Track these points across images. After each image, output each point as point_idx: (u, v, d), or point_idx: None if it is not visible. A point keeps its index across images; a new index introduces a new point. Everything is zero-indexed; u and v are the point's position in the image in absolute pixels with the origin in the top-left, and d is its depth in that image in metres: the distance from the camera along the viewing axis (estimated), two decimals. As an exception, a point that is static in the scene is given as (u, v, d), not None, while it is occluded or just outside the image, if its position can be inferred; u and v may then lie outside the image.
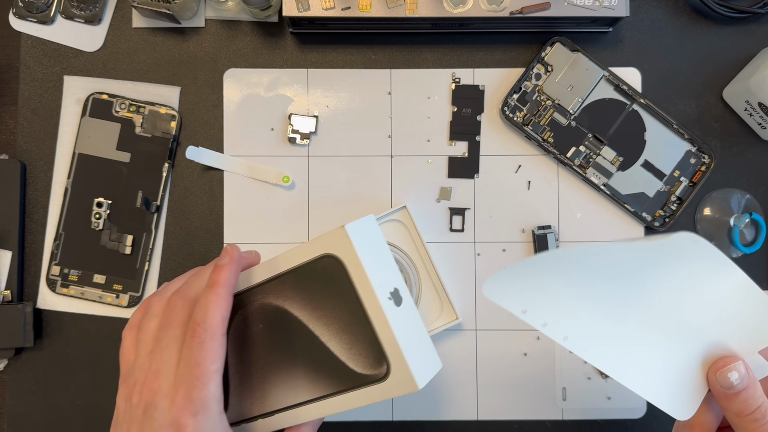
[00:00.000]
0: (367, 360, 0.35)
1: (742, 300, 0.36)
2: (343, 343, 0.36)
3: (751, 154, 0.50)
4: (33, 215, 0.49)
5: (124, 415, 0.35)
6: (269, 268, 0.37)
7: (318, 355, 0.36)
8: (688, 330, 0.36)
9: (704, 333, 0.36)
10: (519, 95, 0.49)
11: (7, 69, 0.50)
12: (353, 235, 0.35)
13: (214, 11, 0.50)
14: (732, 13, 0.49)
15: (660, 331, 0.36)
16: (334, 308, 0.36)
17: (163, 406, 0.33)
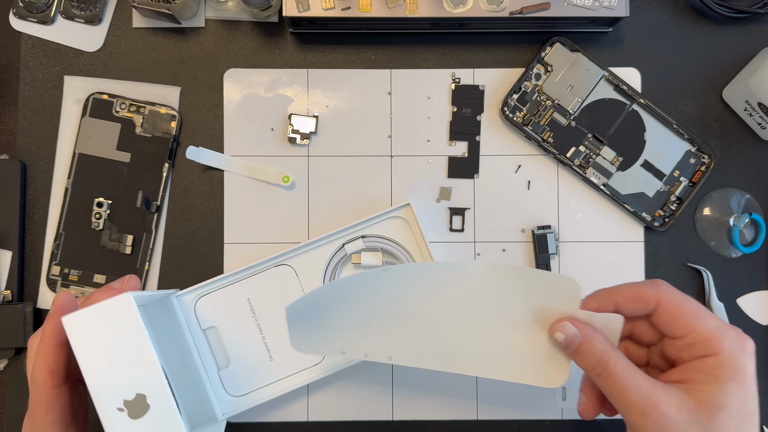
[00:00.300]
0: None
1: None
2: None
3: (750, 154, 0.50)
4: (33, 215, 0.49)
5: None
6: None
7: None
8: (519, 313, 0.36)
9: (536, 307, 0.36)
10: (519, 95, 0.49)
11: (7, 69, 0.50)
12: (74, 330, 0.30)
13: (214, 11, 0.50)
14: (732, 13, 0.49)
15: (496, 324, 0.37)
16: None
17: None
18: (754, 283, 0.50)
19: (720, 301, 0.49)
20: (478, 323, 0.38)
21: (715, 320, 0.33)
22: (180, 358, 0.44)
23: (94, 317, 0.30)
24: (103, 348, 0.30)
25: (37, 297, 0.49)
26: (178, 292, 0.45)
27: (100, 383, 0.30)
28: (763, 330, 0.50)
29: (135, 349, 0.31)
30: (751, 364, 0.32)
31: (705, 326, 0.33)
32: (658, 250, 0.50)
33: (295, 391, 0.46)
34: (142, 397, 0.31)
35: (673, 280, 0.50)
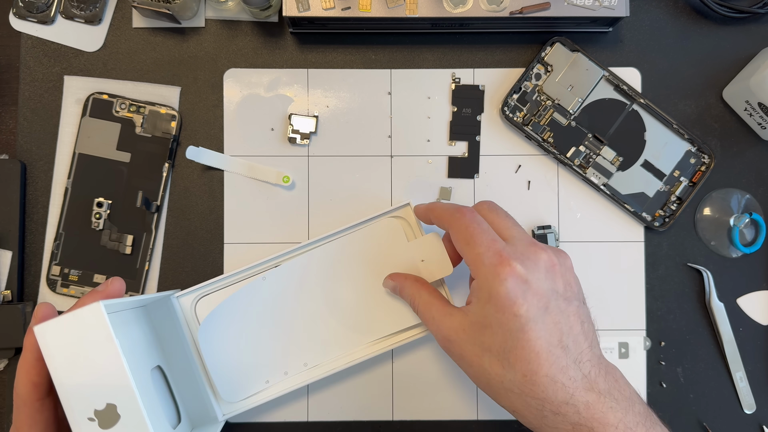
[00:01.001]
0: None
1: None
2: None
3: (751, 154, 0.50)
4: (33, 215, 0.49)
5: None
6: None
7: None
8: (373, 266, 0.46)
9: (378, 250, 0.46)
10: (519, 95, 0.49)
11: (7, 69, 0.50)
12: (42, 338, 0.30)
13: (214, 11, 0.50)
14: (732, 13, 0.49)
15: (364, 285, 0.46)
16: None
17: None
18: (755, 283, 0.50)
19: (720, 301, 0.49)
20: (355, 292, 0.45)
21: (483, 246, 0.37)
22: (180, 358, 0.44)
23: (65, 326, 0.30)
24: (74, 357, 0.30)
25: (37, 297, 0.49)
26: (177, 293, 0.45)
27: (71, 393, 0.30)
28: (764, 330, 0.50)
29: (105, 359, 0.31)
30: (505, 287, 0.35)
31: (471, 252, 0.37)
32: (659, 250, 0.50)
33: (295, 391, 0.46)
34: (113, 407, 0.30)
35: (674, 280, 0.50)
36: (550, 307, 0.36)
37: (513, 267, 0.36)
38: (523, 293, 0.35)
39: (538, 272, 0.36)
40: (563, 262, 0.38)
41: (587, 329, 0.37)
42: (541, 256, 0.37)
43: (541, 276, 0.36)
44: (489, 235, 0.37)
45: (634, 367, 0.49)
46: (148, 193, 0.49)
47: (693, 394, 0.49)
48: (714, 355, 0.50)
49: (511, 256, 0.36)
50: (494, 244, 0.37)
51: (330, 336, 0.46)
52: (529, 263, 0.36)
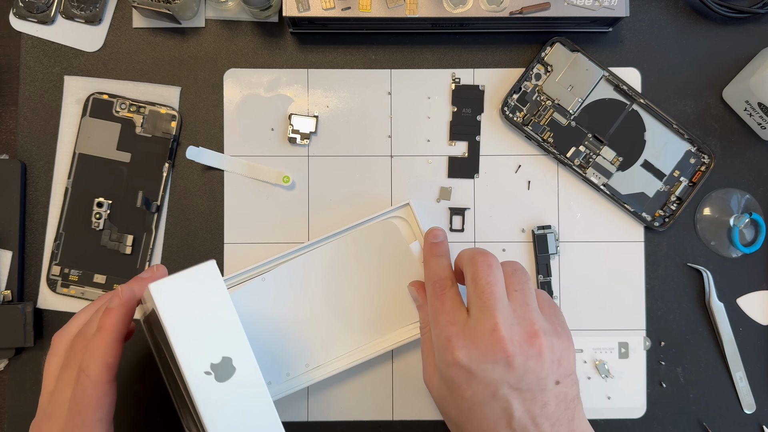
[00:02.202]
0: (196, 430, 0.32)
1: None
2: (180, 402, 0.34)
3: (750, 154, 0.50)
4: (33, 215, 0.49)
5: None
6: None
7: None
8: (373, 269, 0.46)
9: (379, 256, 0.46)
10: (519, 95, 0.49)
11: (7, 69, 0.50)
12: (161, 295, 0.31)
13: (215, 11, 0.50)
14: (732, 13, 0.49)
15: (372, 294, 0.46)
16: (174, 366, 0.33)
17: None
18: (755, 283, 0.50)
19: (720, 301, 0.49)
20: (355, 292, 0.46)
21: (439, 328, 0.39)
22: None
23: (181, 284, 0.31)
24: (189, 313, 0.31)
25: (37, 297, 0.49)
26: None
27: (187, 348, 0.30)
28: (763, 330, 0.50)
29: (220, 314, 0.31)
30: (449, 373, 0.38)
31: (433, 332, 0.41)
32: (658, 250, 0.50)
33: (296, 391, 0.46)
34: (228, 360, 0.31)
35: (674, 280, 0.50)
36: (499, 394, 0.37)
37: (457, 357, 0.37)
38: (467, 381, 0.37)
39: (485, 363, 0.37)
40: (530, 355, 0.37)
41: (551, 410, 0.37)
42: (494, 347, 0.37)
43: (489, 367, 0.37)
44: (448, 316, 0.39)
45: (634, 367, 0.49)
46: (148, 193, 0.49)
47: (693, 394, 0.49)
48: (714, 355, 0.50)
49: (458, 339, 0.38)
50: (449, 327, 0.38)
51: (331, 336, 0.46)
52: (476, 353, 0.37)
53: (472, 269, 0.39)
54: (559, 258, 0.50)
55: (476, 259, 0.39)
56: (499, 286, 0.39)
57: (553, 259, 0.50)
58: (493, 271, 0.39)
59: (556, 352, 0.38)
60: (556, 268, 0.50)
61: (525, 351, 0.37)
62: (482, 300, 0.38)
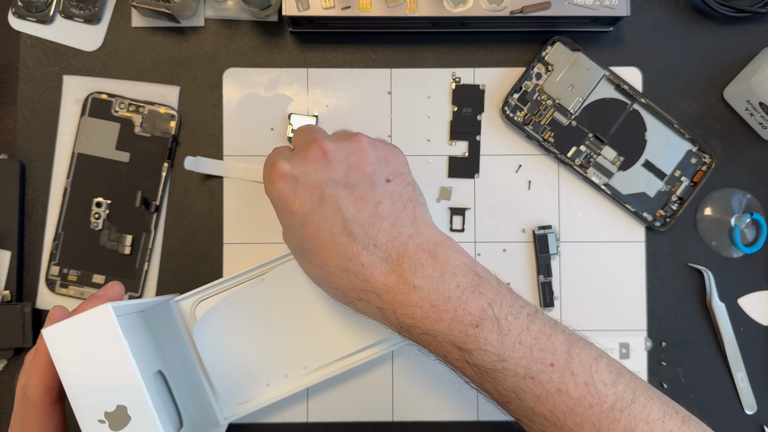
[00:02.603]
0: None
1: None
2: None
3: (752, 154, 0.50)
4: (32, 215, 0.49)
5: None
6: None
7: None
8: None
9: None
10: (519, 95, 0.49)
11: (6, 69, 0.50)
12: (51, 342, 0.30)
13: (214, 10, 0.50)
14: (733, 12, 0.49)
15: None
16: None
17: None
18: (756, 283, 0.50)
19: (721, 301, 0.49)
20: None
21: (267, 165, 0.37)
22: (180, 362, 0.44)
23: (73, 328, 0.30)
24: (83, 359, 0.30)
25: (36, 297, 0.49)
26: (176, 297, 0.45)
27: (81, 395, 0.30)
28: (765, 330, 0.50)
29: (115, 360, 0.31)
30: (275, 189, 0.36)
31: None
32: (659, 251, 0.50)
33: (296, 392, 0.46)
34: (123, 409, 0.30)
35: (675, 280, 0.50)
36: (325, 196, 0.35)
37: (277, 168, 0.35)
38: (293, 190, 0.35)
39: (306, 165, 0.35)
40: (348, 147, 0.36)
41: (387, 209, 0.35)
42: (311, 148, 0.36)
43: (310, 168, 0.35)
44: (275, 153, 0.37)
45: (635, 367, 0.49)
46: (147, 193, 0.49)
47: (694, 395, 0.49)
48: (715, 355, 0.49)
49: (277, 158, 0.36)
50: (272, 157, 0.37)
51: (330, 338, 0.45)
52: (297, 159, 0.36)
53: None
54: (560, 258, 0.50)
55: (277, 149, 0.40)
56: (317, 126, 0.40)
57: (553, 259, 0.49)
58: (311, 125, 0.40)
59: (380, 150, 0.37)
60: (557, 268, 0.50)
61: (345, 147, 0.36)
62: (302, 132, 0.38)
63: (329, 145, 0.35)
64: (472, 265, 0.35)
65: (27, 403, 0.33)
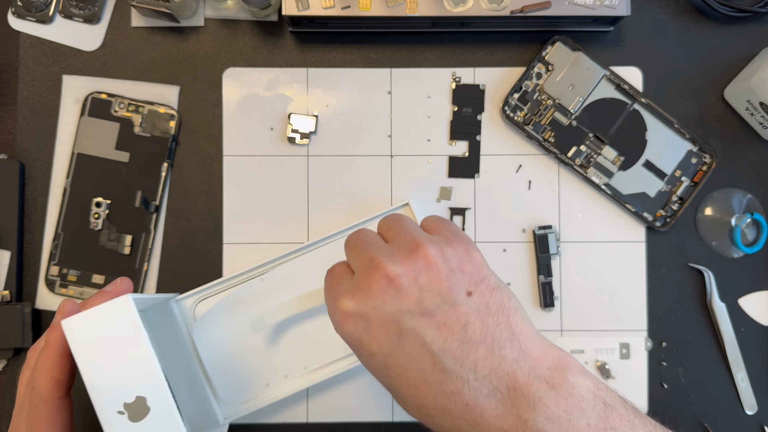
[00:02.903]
0: None
1: None
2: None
3: (752, 154, 0.50)
4: (32, 215, 0.49)
5: None
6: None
7: None
8: None
9: None
10: (520, 94, 0.49)
11: (5, 68, 0.50)
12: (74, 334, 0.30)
13: (214, 10, 0.50)
14: (733, 12, 0.49)
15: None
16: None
17: None
18: (756, 283, 0.50)
19: (722, 301, 0.49)
20: None
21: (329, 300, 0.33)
22: (180, 362, 0.44)
23: (93, 320, 0.30)
24: (102, 351, 0.30)
25: (35, 297, 0.49)
26: (177, 297, 0.45)
27: (100, 386, 0.30)
28: (765, 330, 0.50)
29: (134, 351, 0.31)
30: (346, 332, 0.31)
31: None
32: (660, 251, 0.50)
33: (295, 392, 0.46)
34: (143, 400, 0.30)
35: (675, 280, 0.50)
36: (404, 330, 0.30)
37: (341, 308, 0.31)
38: (365, 330, 0.30)
39: (372, 299, 0.30)
40: (413, 268, 0.31)
41: (478, 330, 0.30)
42: (373, 277, 0.31)
43: (378, 302, 0.30)
44: (331, 279, 0.34)
45: (636, 367, 0.49)
46: (146, 193, 0.49)
47: (694, 395, 0.49)
48: (715, 355, 0.49)
49: (338, 295, 0.32)
50: (333, 290, 0.33)
51: (329, 338, 0.45)
52: (361, 294, 0.31)
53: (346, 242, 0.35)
54: (560, 258, 0.50)
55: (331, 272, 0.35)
56: (371, 234, 0.34)
57: (554, 259, 0.49)
58: (362, 231, 0.35)
59: (450, 259, 0.31)
60: (557, 268, 0.49)
61: (411, 266, 0.31)
62: (357, 250, 0.33)
63: (393, 269, 0.30)
64: (597, 389, 0.30)
65: (35, 397, 0.32)
